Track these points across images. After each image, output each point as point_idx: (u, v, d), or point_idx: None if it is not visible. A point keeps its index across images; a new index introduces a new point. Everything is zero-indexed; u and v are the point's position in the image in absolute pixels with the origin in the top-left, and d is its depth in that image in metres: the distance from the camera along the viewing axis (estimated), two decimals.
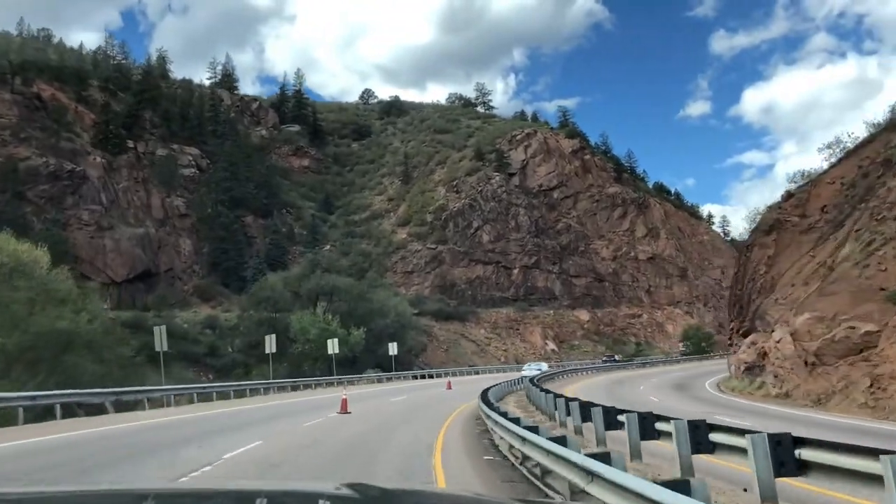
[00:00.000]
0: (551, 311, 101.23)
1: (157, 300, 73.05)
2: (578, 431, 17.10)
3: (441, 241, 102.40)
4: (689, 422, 10.62)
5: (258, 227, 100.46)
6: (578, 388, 36.65)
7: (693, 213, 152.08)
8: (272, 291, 69.69)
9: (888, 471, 6.36)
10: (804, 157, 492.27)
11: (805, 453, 7.85)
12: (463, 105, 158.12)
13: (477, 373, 73.48)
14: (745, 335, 36.57)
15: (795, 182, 41.60)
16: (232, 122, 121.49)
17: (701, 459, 10.61)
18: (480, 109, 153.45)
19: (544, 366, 63.48)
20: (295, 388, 44.88)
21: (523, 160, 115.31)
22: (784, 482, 8.48)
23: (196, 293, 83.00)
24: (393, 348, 60.02)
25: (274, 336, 47.75)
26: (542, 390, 24.06)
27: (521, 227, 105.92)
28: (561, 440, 9.73)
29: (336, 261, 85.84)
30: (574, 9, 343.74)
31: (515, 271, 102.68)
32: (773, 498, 8.15)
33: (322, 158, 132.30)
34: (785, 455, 8.03)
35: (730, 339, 43.91)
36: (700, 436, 10.34)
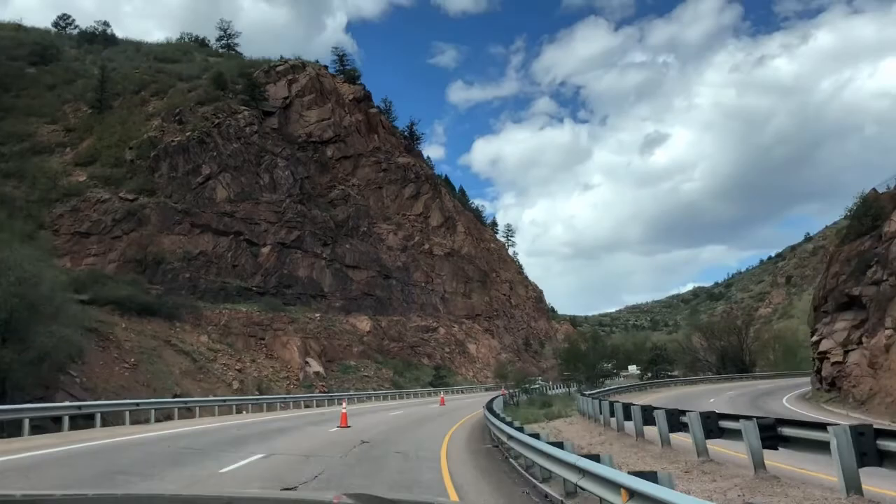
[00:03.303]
0: (317, 315, 66.18)
1: None
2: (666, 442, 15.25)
3: (146, 190, 62.94)
4: (850, 427, 8.53)
5: None
6: None
7: (478, 215, 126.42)
8: None
9: None
10: (522, 210, 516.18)
11: None
12: (200, 44, 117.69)
13: (189, 409, 37.04)
14: None
15: None
16: None
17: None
18: (222, 51, 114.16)
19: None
20: None
21: (286, 98, 79.64)
22: None
23: None
24: None
25: None
26: None
27: (278, 185, 69.91)
28: (650, 476, 6.47)
29: None
30: (324, 37, 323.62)
31: (266, 250, 66.26)
32: None
33: None
34: None
35: None
36: (866, 444, 8.40)
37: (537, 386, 53.82)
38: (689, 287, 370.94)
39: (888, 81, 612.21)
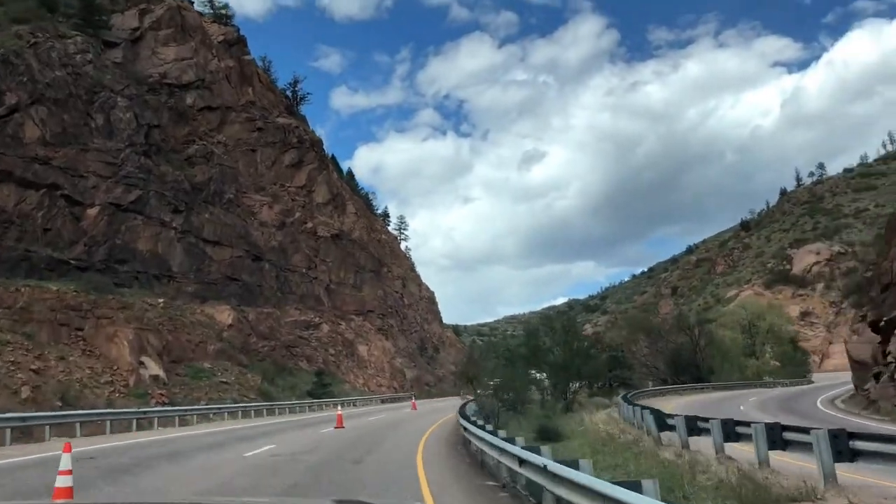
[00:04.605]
0: (160, 301, 50.16)
1: None
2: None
3: None
4: None
5: None
6: None
7: (368, 203, 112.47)
8: None
9: None
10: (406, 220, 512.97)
11: None
12: None
13: None
14: None
15: None
16: None
17: None
18: None
19: None
20: None
21: (137, 29, 63.00)
22: None
23: None
24: None
25: None
26: None
27: (116, 130, 53.30)
28: None
29: None
30: None
31: (93, 212, 49.57)
32: None
33: None
34: None
35: None
36: None
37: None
38: (561, 300, 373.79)
39: (747, 113, 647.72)
